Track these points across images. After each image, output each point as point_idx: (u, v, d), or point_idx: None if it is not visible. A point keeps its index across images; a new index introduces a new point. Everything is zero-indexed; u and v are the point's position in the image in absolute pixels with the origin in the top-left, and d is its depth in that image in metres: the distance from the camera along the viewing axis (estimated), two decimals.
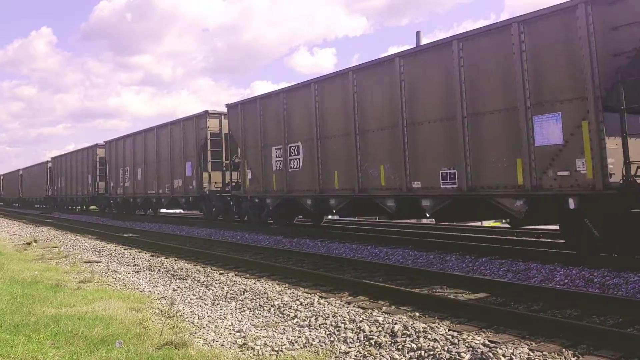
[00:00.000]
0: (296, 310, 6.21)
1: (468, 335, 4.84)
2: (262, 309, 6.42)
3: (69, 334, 5.15)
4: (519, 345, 4.54)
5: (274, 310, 6.33)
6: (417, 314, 5.87)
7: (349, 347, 4.85)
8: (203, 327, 5.67)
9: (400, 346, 4.75)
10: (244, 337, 5.24)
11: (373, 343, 4.90)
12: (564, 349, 4.43)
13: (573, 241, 8.66)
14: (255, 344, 4.99)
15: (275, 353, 4.77)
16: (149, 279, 8.92)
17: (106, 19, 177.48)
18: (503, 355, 4.30)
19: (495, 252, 9.45)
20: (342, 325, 5.46)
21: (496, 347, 4.46)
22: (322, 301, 6.57)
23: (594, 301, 5.93)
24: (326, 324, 5.56)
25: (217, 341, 5.16)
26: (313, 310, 6.13)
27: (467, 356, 4.35)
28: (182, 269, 9.62)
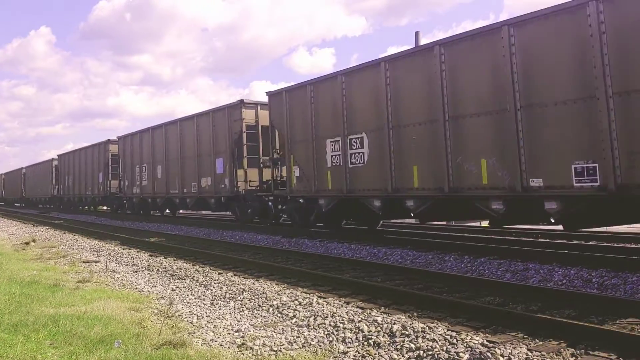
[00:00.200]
0: (295, 310, 6.22)
1: (467, 335, 4.84)
2: (261, 309, 6.42)
3: (68, 334, 5.15)
4: (518, 345, 4.55)
5: (273, 310, 6.33)
6: (416, 314, 5.88)
7: (348, 347, 4.85)
8: (202, 327, 5.67)
9: (398, 346, 4.75)
10: (243, 337, 5.24)
11: (372, 343, 4.90)
12: (563, 349, 4.44)
13: None
14: (253, 344, 4.99)
15: (273, 353, 4.77)
16: (148, 279, 8.93)
17: (105, 19, 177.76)
18: (502, 355, 4.31)
19: (493, 252, 9.45)
20: (341, 325, 5.47)
21: (495, 347, 4.47)
22: (321, 301, 6.57)
23: (592, 301, 5.94)
24: (325, 324, 5.56)
25: (216, 341, 5.16)
26: (312, 310, 6.14)
27: (466, 356, 4.35)
28: (181, 269, 9.62)
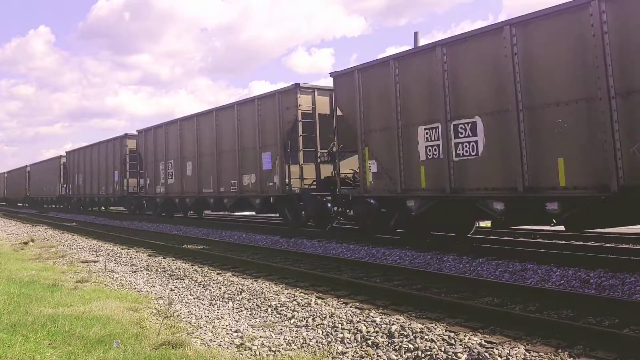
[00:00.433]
0: (293, 310, 6.23)
1: (465, 335, 4.86)
2: (260, 309, 6.43)
3: (67, 334, 5.15)
4: (515, 345, 4.56)
5: (271, 310, 6.34)
6: (414, 315, 5.89)
7: (346, 348, 4.86)
8: (200, 327, 5.68)
9: (397, 347, 4.76)
10: (242, 337, 5.25)
11: (370, 343, 4.91)
12: (560, 350, 4.45)
13: None
14: (252, 344, 5.00)
15: (272, 353, 4.78)
16: (147, 279, 8.93)
17: (104, 18, 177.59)
18: (500, 355, 4.32)
19: (492, 253, 9.47)
20: (340, 325, 5.48)
21: (492, 348, 4.48)
22: (320, 301, 6.58)
23: (590, 302, 5.96)
24: (323, 325, 5.57)
25: (215, 341, 5.17)
26: (310, 310, 6.14)
27: (464, 356, 4.37)
28: (180, 269, 9.62)
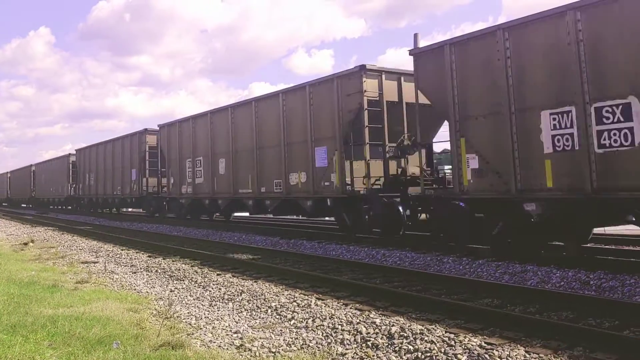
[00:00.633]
0: (293, 311, 6.23)
1: (465, 337, 4.86)
2: (259, 310, 6.43)
3: (66, 335, 5.16)
4: (515, 347, 4.56)
5: (271, 311, 6.34)
6: (414, 316, 5.89)
7: (346, 349, 4.86)
8: (200, 328, 5.68)
9: (397, 348, 4.76)
10: (241, 339, 5.25)
11: (370, 345, 4.91)
12: (560, 351, 4.45)
13: None
14: (252, 345, 5.00)
15: (272, 354, 4.78)
16: (147, 280, 8.93)
17: (104, 19, 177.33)
18: (499, 357, 4.32)
19: (491, 254, 9.45)
20: (339, 326, 5.48)
21: (492, 349, 4.49)
22: (319, 302, 6.58)
23: (590, 303, 5.96)
24: (323, 326, 5.57)
25: (215, 342, 5.17)
26: (310, 311, 6.15)
27: (464, 358, 4.37)
28: (180, 270, 9.62)
